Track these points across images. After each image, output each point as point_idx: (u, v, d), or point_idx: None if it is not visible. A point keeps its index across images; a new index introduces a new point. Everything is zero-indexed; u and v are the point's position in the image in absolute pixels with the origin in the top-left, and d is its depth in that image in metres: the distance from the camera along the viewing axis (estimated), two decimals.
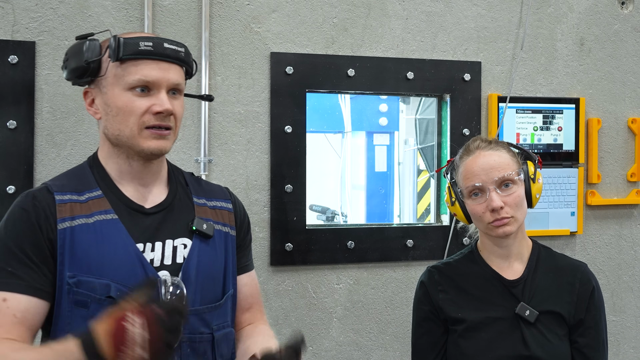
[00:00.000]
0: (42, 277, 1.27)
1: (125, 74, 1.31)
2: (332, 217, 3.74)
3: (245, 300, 1.53)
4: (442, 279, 1.73)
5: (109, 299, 1.27)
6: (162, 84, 1.33)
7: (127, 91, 1.32)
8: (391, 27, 2.48)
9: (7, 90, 2.10)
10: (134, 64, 1.31)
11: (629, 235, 2.76)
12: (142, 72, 1.31)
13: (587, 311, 1.67)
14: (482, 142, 1.70)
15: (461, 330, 1.67)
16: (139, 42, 1.31)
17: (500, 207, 1.60)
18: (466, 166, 1.67)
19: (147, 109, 1.32)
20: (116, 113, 1.33)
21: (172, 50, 1.34)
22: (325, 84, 2.40)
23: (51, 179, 1.40)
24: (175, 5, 2.26)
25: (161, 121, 1.33)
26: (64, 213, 1.30)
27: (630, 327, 2.76)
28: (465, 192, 1.67)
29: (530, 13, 2.62)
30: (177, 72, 1.36)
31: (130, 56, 1.30)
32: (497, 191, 1.61)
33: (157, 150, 1.34)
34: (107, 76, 1.33)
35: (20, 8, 2.13)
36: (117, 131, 1.34)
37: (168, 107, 1.32)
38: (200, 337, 1.36)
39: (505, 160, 1.65)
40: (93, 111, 1.38)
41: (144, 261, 1.32)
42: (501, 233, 1.63)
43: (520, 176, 1.64)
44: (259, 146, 2.35)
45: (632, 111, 2.75)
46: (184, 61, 1.38)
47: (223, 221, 1.47)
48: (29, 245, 1.27)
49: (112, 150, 1.38)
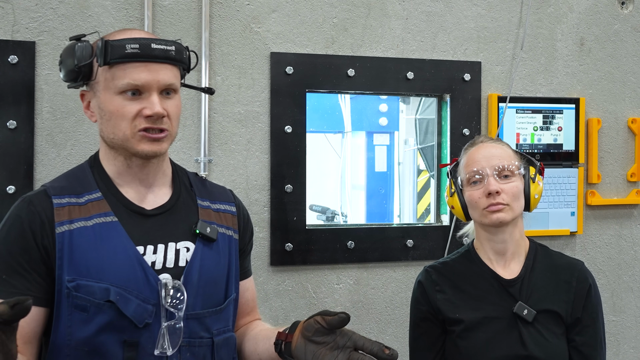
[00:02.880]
0: (35, 284, 1.26)
1: (114, 78, 1.29)
2: (332, 217, 3.74)
3: (247, 304, 1.53)
4: (440, 278, 1.73)
5: (108, 303, 1.26)
6: (152, 86, 1.29)
7: (117, 95, 1.29)
8: (391, 27, 2.48)
9: (7, 90, 2.10)
10: (122, 68, 1.28)
11: (629, 235, 2.76)
12: (130, 75, 1.28)
13: (584, 309, 1.67)
14: (487, 137, 1.75)
15: (459, 331, 1.67)
16: (125, 45, 1.27)
17: (496, 191, 1.61)
18: (469, 155, 1.71)
19: (137, 112, 1.29)
20: (109, 117, 1.31)
21: (160, 50, 1.30)
22: (325, 84, 2.40)
23: (50, 181, 1.39)
24: (175, 5, 2.26)
25: (153, 124, 1.30)
26: (62, 217, 1.29)
27: (630, 327, 2.76)
28: (464, 180, 1.68)
29: (530, 13, 2.62)
30: (168, 71, 1.32)
31: (117, 60, 1.27)
32: (495, 177, 1.63)
33: (151, 153, 1.33)
34: (99, 80, 1.32)
35: (20, 8, 2.13)
36: (112, 135, 1.32)
37: (158, 111, 1.29)
38: (200, 342, 1.35)
39: (508, 153, 1.69)
40: (89, 114, 1.37)
41: (144, 264, 1.30)
42: (495, 219, 1.62)
43: (520, 170, 1.66)
44: (259, 146, 2.35)
45: (632, 111, 2.75)
46: (175, 59, 1.33)
47: (227, 224, 1.45)
48: (20, 252, 1.27)
49: (109, 151, 1.37)
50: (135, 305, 1.27)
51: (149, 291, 1.29)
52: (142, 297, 1.28)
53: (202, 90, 1.55)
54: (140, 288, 1.28)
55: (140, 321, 1.27)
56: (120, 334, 1.27)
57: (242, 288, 1.51)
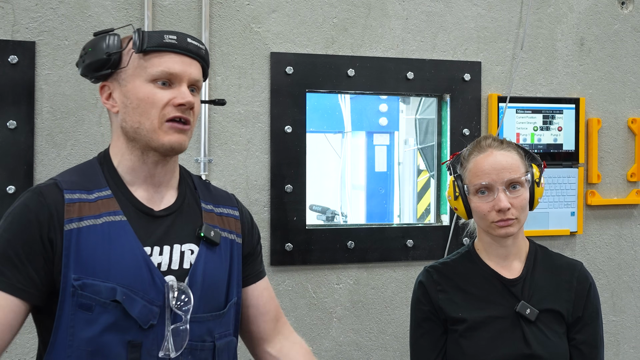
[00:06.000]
0: (26, 278, 1.25)
1: (148, 66, 1.31)
2: (332, 217, 3.74)
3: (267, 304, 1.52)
4: (441, 278, 1.73)
5: (113, 303, 1.25)
6: (184, 77, 1.33)
7: (148, 83, 1.31)
8: (391, 27, 2.48)
9: (7, 90, 2.10)
10: (158, 56, 1.31)
11: (629, 235, 2.76)
12: (165, 64, 1.31)
13: (585, 309, 1.69)
14: (494, 140, 1.70)
15: (462, 330, 1.67)
16: (164, 35, 1.32)
17: (507, 208, 1.61)
18: (476, 163, 1.67)
19: (168, 101, 1.31)
20: (137, 105, 1.31)
21: (194, 46, 1.35)
22: (325, 84, 2.40)
23: (60, 174, 1.37)
24: (175, 5, 2.26)
25: (182, 113, 1.32)
26: (72, 213, 1.28)
27: (630, 327, 2.76)
28: (471, 189, 1.67)
29: (530, 13, 2.62)
30: (197, 68, 1.36)
31: (155, 48, 1.31)
32: (505, 192, 1.62)
33: (176, 144, 1.33)
34: (128, 68, 1.33)
35: (20, 8, 2.13)
36: (137, 123, 1.32)
37: (190, 99, 1.32)
38: (202, 345, 1.34)
39: (516, 162, 1.66)
40: (110, 104, 1.36)
41: (151, 265, 1.30)
42: (503, 233, 1.64)
43: (527, 176, 1.66)
44: (259, 146, 2.35)
45: (632, 111, 2.75)
46: (204, 59, 1.38)
47: (229, 228, 1.45)
48: (20, 244, 1.26)
49: (126, 145, 1.36)
50: (141, 306, 1.27)
51: (155, 293, 1.29)
52: (148, 298, 1.28)
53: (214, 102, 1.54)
54: (146, 289, 1.28)
55: (145, 322, 1.27)
56: (124, 335, 1.26)
57: (259, 288, 1.50)
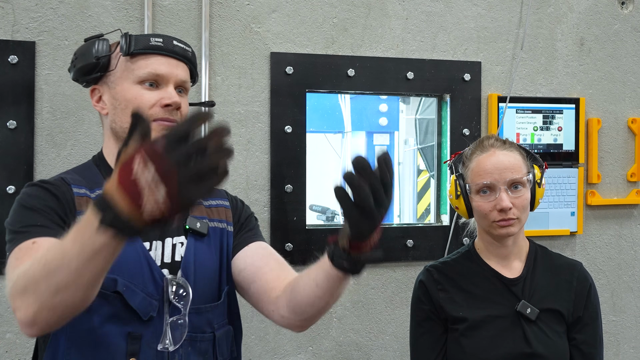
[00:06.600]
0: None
1: (136, 68, 1.35)
2: (332, 217, 3.74)
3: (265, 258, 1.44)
4: (441, 278, 1.74)
5: (114, 294, 1.27)
6: (171, 79, 1.37)
7: (136, 84, 1.35)
8: (391, 27, 2.48)
9: (7, 90, 2.10)
10: (145, 58, 1.36)
11: (629, 235, 2.76)
12: (152, 65, 1.35)
13: (585, 308, 1.70)
14: (496, 140, 1.72)
15: (463, 329, 1.67)
16: (150, 38, 1.37)
17: (509, 208, 1.62)
18: (479, 162, 1.68)
19: (155, 102, 1.34)
20: (125, 106, 1.35)
21: (180, 48, 1.39)
22: (325, 84, 2.40)
23: (62, 173, 1.40)
24: (175, 5, 2.26)
25: (169, 115, 1.35)
26: (81, 206, 1.31)
27: (630, 327, 2.76)
28: (473, 188, 1.68)
29: (530, 13, 2.62)
30: (184, 70, 1.40)
31: (141, 50, 1.35)
32: (507, 192, 1.63)
33: None
34: (117, 71, 1.37)
35: (20, 8, 2.13)
36: (126, 124, 1.34)
37: (177, 100, 1.35)
38: (202, 337, 1.37)
39: (518, 162, 1.67)
40: (100, 107, 1.40)
41: (150, 260, 1.33)
42: (504, 233, 1.65)
43: (529, 176, 1.66)
44: (259, 146, 2.35)
45: (632, 111, 2.75)
46: (191, 61, 1.42)
47: (219, 217, 1.47)
48: (54, 206, 1.27)
49: (117, 145, 1.38)
50: (141, 298, 1.29)
51: (154, 287, 1.31)
52: (147, 291, 1.30)
53: (203, 104, 1.58)
54: (146, 283, 1.30)
55: (145, 313, 1.29)
56: (124, 326, 1.28)
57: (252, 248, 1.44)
